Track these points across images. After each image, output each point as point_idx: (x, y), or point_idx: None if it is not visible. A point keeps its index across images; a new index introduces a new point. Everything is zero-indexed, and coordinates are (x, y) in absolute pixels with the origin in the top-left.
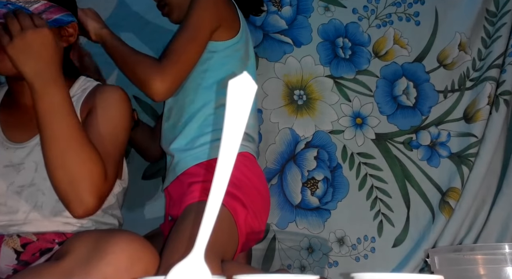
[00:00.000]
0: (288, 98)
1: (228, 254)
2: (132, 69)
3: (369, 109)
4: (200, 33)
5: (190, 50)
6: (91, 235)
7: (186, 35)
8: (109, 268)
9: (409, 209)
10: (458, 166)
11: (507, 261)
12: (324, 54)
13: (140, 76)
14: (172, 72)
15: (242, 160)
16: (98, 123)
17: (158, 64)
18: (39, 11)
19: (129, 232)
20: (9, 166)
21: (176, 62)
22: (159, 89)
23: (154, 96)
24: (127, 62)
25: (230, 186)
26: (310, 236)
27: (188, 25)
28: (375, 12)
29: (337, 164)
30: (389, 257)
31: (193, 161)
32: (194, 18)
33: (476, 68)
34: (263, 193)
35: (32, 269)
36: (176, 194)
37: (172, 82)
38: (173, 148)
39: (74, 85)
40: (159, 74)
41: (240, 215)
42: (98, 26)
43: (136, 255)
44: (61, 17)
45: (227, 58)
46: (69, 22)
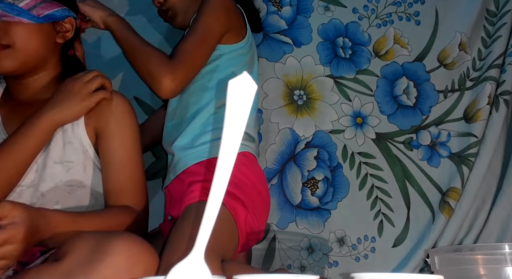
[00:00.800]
0: (288, 98)
1: (228, 254)
2: (143, 63)
3: (369, 109)
4: (211, 36)
5: (200, 51)
6: (91, 236)
7: (197, 36)
8: (108, 269)
9: (409, 209)
10: (458, 166)
11: (507, 261)
12: (324, 54)
13: (151, 71)
14: (182, 72)
15: (242, 159)
16: (118, 148)
17: (169, 62)
18: (30, 7)
19: (129, 233)
20: None
21: (186, 62)
22: (168, 87)
23: (162, 93)
24: (137, 55)
25: (230, 185)
26: (310, 236)
27: (199, 26)
28: (375, 12)
29: (337, 164)
30: (389, 257)
31: (194, 160)
32: (206, 20)
33: (476, 68)
34: (263, 193)
35: (31, 270)
36: (176, 193)
37: (181, 81)
38: (174, 147)
39: None
40: (170, 72)
41: (241, 215)
42: (104, 13)
43: (135, 256)
44: (54, 12)
45: (233, 61)
46: (64, 17)
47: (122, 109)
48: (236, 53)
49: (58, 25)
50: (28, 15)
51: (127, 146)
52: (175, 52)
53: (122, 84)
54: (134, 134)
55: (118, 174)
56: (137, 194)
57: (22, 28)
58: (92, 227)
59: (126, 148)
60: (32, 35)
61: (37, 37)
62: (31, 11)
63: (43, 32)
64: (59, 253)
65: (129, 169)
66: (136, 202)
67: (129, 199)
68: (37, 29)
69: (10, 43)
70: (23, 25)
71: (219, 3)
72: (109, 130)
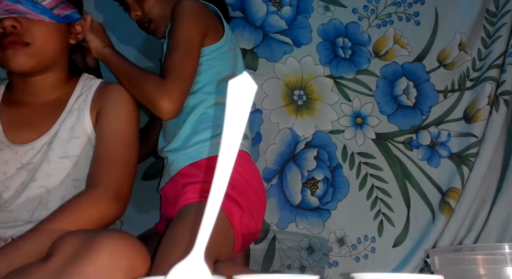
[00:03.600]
0: (288, 98)
1: (223, 255)
2: (139, 90)
3: (369, 109)
4: (193, 45)
5: (188, 64)
6: (77, 235)
7: (180, 50)
8: (90, 266)
9: (409, 209)
10: (458, 166)
11: (507, 261)
12: (324, 54)
13: (148, 97)
14: (177, 90)
15: (238, 159)
16: (108, 126)
17: (162, 83)
18: (51, 7)
19: (115, 230)
20: (20, 168)
21: (178, 80)
22: (168, 109)
23: (164, 116)
24: (132, 83)
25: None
26: (310, 236)
27: (178, 41)
28: (375, 12)
29: (337, 164)
30: (389, 257)
31: (187, 161)
32: (183, 33)
33: (476, 68)
34: (258, 191)
35: (20, 269)
36: (171, 195)
37: (179, 100)
38: (167, 150)
39: (79, 83)
40: (166, 94)
41: (235, 216)
42: (101, 45)
43: (118, 251)
44: (71, 13)
45: (214, 61)
46: (77, 19)
47: (120, 94)
48: (216, 53)
49: (71, 27)
50: (51, 14)
51: (117, 124)
52: (165, 71)
53: None
54: (128, 115)
55: (102, 150)
56: (111, 171)
57: (44, 26)
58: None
59: (116, 126)
60: (52, 35)
61: (56, 37)
62: (53, 10)
63: (61, 32)
64: (48, 252)
65: (114, 145)
66: (105, 179)
67: (101, 176)
68: (57, 28)
69: (31, 41)
70: (44, 24)
71: (189, 10)
72: (104, 110)
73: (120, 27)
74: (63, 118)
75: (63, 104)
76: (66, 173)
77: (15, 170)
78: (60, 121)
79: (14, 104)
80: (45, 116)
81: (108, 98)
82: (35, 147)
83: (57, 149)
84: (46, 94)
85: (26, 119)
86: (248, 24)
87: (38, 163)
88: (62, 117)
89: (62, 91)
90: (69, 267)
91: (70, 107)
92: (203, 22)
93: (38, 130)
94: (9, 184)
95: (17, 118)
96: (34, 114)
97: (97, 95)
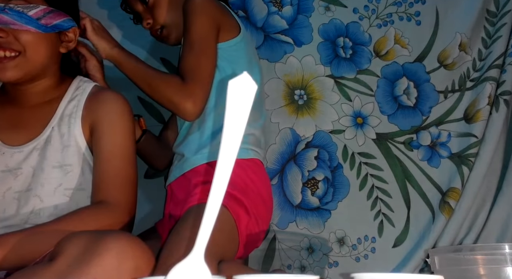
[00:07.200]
0: (288, 98)
1: (227, 256)
2: (160, 93)
3: (369, 109)
4: (208, 44)
5: (206, 64)
6: (83, 236)
7: (196, 50)
8: (97, 269)
9: (409, 209)
10: (458, 166)
11: (507, 261)
12: (324, 54)
13: (171, 100)
14: (199, 91)
15: (253, 166)
16: (107, 142)
17: (184, 86)
18: (38, 16)
19: (120, 232)
20: (5, 171)
21: (199, 81)
22: (192, 110)
23: (188, 118)
24: (152, 86)
25: (237, 190)
26: (310, 236)
27: (193, 40)
28: (375, 12)
29: (337, 164)
30: (389, 257)
31: (204, 160)
32: (196, 30)
33: (476, 68)
34: (267, 201)
35: (24, 271)
36: (180, 192)
37: (202, 101)
38: (185, 146)
39: (71, 86)
40: (189, 96)
41: (242, 221)
42: (109, 46)
43: (123, 253)
44: (61, 22)
45: (232, 57)
46: (69, 27)
47: (115, 105)
48: (233, 49)
49: (62, 35)
50: (37, 24)
51: (116, 140)
52: (183, 73)
53: (126, 85)
54: (126, 130)
55: (103, 168)
56: (121, 190)
57: (31, 36)
58: (51, 237)
59: (115, 142)
60: (40, 44)
61: (45, 47)
62: (40, 20)
63: (50, 42)
64: (52, 254)
65: (116, 163)
66: (117, 198)
67: (110, 194)
68: (45, 38)
69: (21, 49)
70: (31, 34)
71: (200, 6)
72: (100, 125)
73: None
74: (53, 123)
75: (54, 108)
76: (59, 182)
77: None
78: (51, 126)
79: (7, 105)
80: (36, 119)
81: (104, 111)
82: (23, 152)
83: (51, 158)
84: (37, 98)
85: (17, 121)
86: (249, 25)
87: (31, 171)
88: (52, 123)
89: (54, 95)
90: (74, 269)
91: (61, 112)
92: (216, 17)
93: (28, 133)
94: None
95: (8, 119)
96: (25, 116)
97: (90, 102)
